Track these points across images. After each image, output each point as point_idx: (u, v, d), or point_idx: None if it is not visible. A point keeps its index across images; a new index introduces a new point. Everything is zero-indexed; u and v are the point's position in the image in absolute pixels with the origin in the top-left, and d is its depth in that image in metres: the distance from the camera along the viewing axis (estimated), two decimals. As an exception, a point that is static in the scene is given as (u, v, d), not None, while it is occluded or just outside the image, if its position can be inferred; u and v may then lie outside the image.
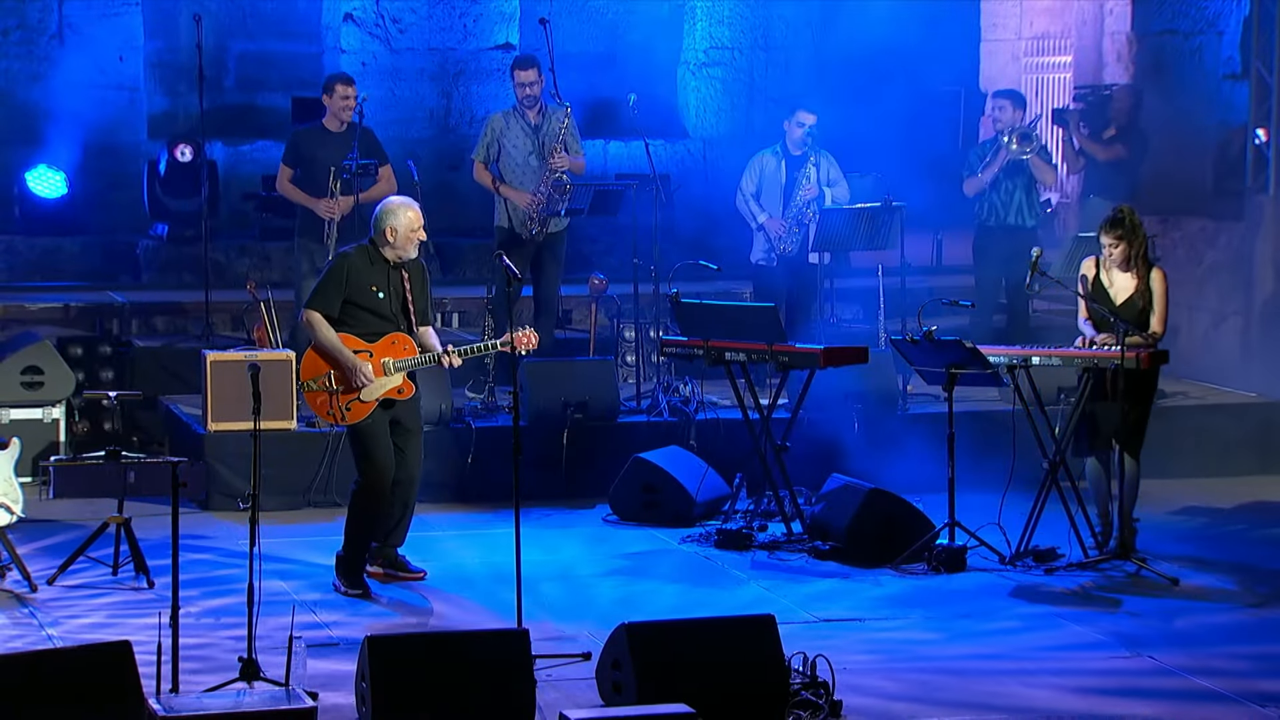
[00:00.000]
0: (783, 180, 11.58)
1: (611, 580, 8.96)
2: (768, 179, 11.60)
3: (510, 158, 11.33)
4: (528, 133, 11.33)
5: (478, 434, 10.57)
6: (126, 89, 14.02)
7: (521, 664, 6.76)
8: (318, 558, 9.24)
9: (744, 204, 11.65)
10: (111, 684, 6.36)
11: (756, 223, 11.62)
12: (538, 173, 11.27)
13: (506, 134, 11.34)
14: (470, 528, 9.97)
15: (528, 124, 11.33)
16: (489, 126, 11.46)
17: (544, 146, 11.29)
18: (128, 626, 7.90)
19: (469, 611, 8.30)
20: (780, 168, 11.60)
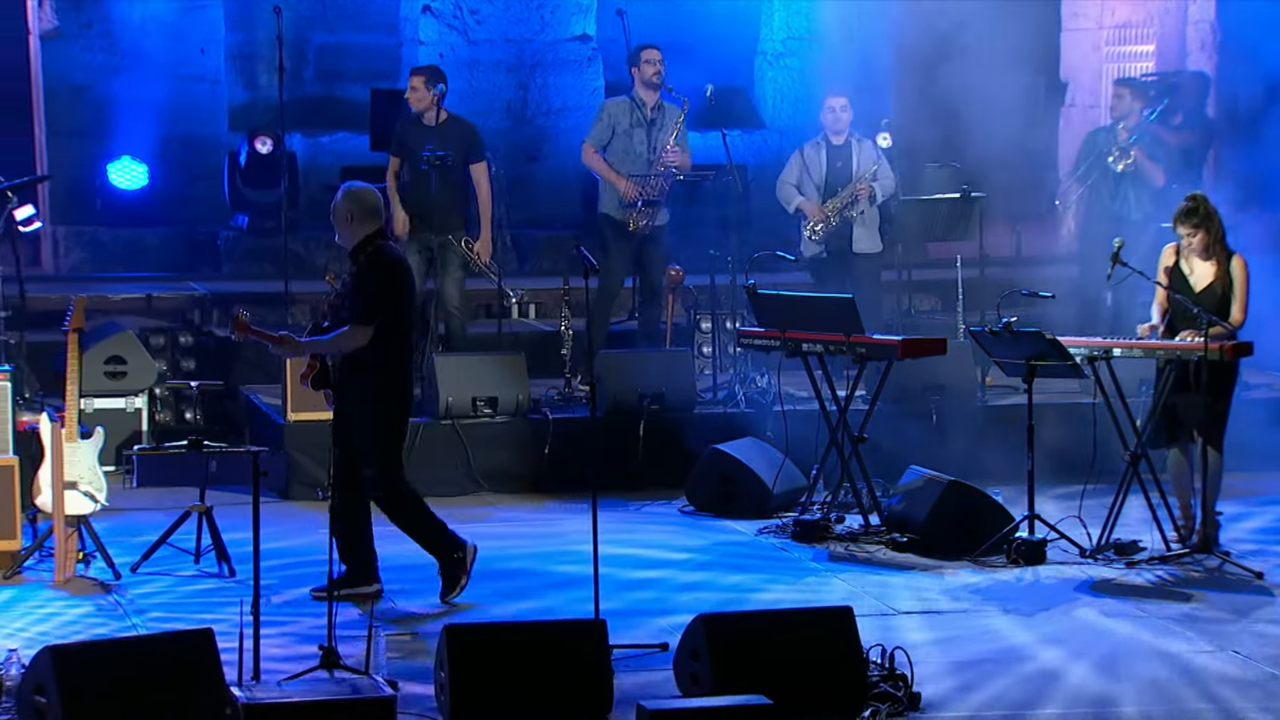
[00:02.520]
0: (823, 168, 11.56)
1: (688, 571, 8.96)
2: (809, 167, 11.58)
3: (620, 146, 11.34)
4: (641, 124, 11.34)
5: (554, 425, 10.59)
6: (207, 81, 14.15)
7: (599, 654, 6.77)
8: (396, 547, 9.27)
9: (780, 191, 11.65)
10: (194, 671, 6.43)
11: (792, 208, 11.60)
12: (645, 164, 11.29)
13: (621, 121, 11.36)
14: (546, 519, 9.99)
15: (643, 115, 11.35)
16: (605, 111, 11.48)
17: (654, 139, 11.31)
18: (209, 614, 7.97)
19: (546, 602, 8.33)
20: (821, 156, 11.58)
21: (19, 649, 6.90)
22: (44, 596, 8.34)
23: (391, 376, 8.13)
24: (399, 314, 8.18)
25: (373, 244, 8.16)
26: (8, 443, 9.18)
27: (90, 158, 13.60)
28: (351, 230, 8.18)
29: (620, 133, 11.34)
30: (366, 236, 8.16)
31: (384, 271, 8.13)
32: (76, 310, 8.57)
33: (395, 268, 8.21)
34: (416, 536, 8.42)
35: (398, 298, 8.18)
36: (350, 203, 8.18)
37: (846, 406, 9.63)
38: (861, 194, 11.50)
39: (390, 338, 8.11)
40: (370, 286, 8.09)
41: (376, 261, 8.13)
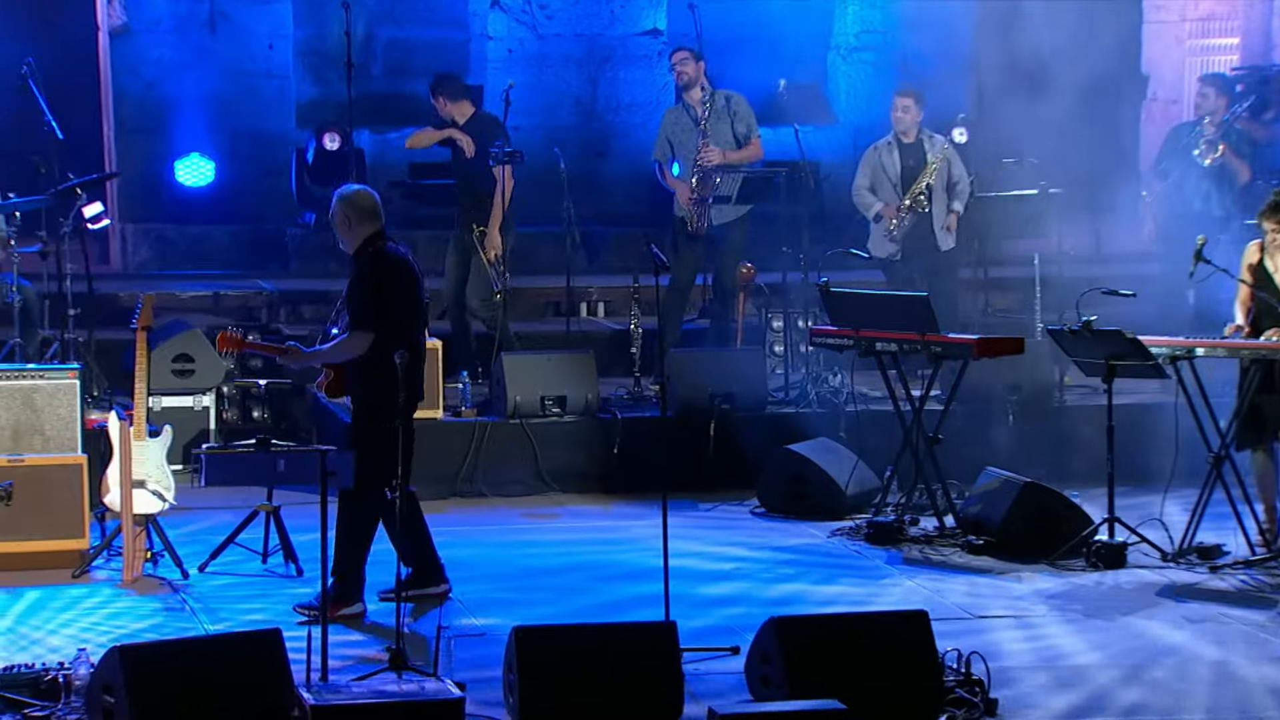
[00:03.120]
0: (897, 168, 11.52)
1: (760, 572, 8.95)
2: (884, 168, 11.54)
3: (681, 152, 11.43)
4: (691, 127, 11.37)
5: (623, 424, 10.60)
6: (276, 77, 14.24)
7: (669, 657, 6.77)
8: (465, 548, 9.33)
9: (857, 196, 11.64)
10: (261, 672, 6.47)
11: (871, 213, 11.58)
12: None
13: (675, 130, 11.41)
14: (615, 520, 10.00)
15: (693, 117, 11.38)
16: (662, 124, 11.61)
17: (708, 138, 11.32)
18: (277, 614, 8.03)
19: (615, 604, 8.33)
20: (894, 156, 11.54)
21: (87, 648, 6.97)
22: (112, 596, 8.42)
23: (396, 387, 7.68)
24: (403, 318, 7.96)
25: (372, 245, 7.97)
26: (76, 441, 9.28)
27: (158, 154, 13.72)
28: (351, 235, 7.99)
29: (678, 141, 11.38)
30: (366, 238, 7.98)
31: (383, 273, 7.91)
32: (145, 308, 8.64)
33: (396, 268, 7.97)
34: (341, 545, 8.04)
35: (399, 300, 7.95)
36: (345, 207, 8.01)
37: (921, 406, 9.59)
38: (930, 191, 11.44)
39: (393, 343, 7.73)
40: (370, 290, 7.89)
41: (375, 263, 7.92)
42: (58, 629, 7.87)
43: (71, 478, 8.85)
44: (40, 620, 8.01)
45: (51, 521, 8.77)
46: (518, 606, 8.27)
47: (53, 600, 8.30)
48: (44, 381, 9.30)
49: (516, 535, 9.71)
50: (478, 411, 10.69)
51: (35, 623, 7.97)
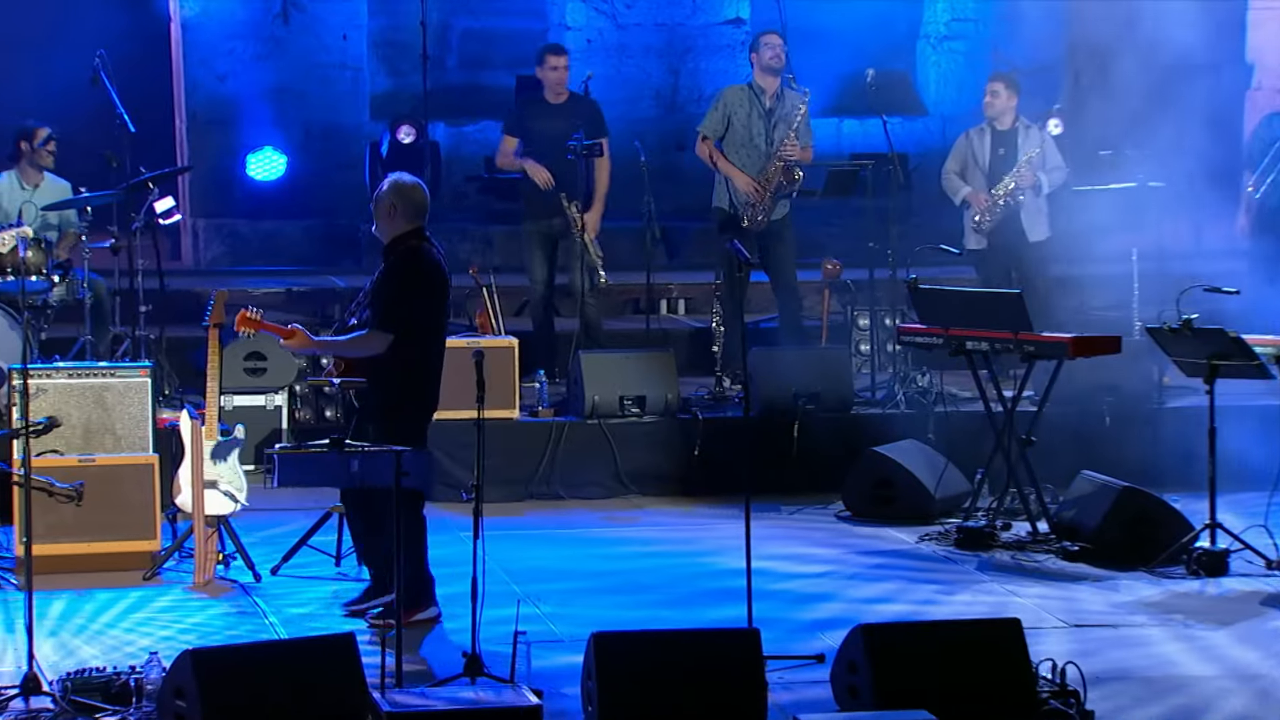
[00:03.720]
0: (987, 155, 11.43)
1: (846, 579, 8.92)
2: (974, 154, 11.45)
3: (737, 136, 11.29)
4: (761, 114, 11.28)
5: (704, 425, 10.59)
6: (350, 68, 14.33)
7: (752, 665, 6.76)
8: (541, 552, 9.35)
9: (945, 181, 11.53)
10: (335, 677, 6.51)
11: (958, 198, 11.49)
12: (763, 156, 11.22)
13: (739, 111, 11.30)
14: (696, 523, 10.00)
15: (762, 104, 11.29)
16: (722, 99, 11.41)
17: (774, 130, 11.24)
18: (349, 620, 8.07)
19: (697, 610, 8.33)
20: (985, 142, 11.45)
21: (159, 652, 7.04)
22: (183, 598, 8.50)
23: (411, 393, 7.79)
24: (428, 323, 7.87)
25: (406, 243, 7.86)
26: (147, 440, 9.38)
27: (230, 148, 13.82)
28: (391, 224, 7.89)
29: (738, 123, 11.27)
30: (403, 234, 7.91)
31: (415, 274, 7.81)
32: (217, 305, 8.71)
33: (428, 270, 7.86)
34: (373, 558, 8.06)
35: (427, 304, 7.86)
36: (396, 195, 7.88)
37: (1013, 407, 9.53)
38: (1025, 181, 11.36)
39: (413, 348, 7.79)
40: (397, 290, 7.78)
41: (408, 262, 7.82)
42: (129, 632, 7.95)
43: (143, 478, 8.94)
44: (111, 623, 8.10)
45: (122, 522, 8.87)
46: (596, 612, 8.28)
47: (124, 602, 8.39)
48: (115, 380, 9.40)
49: (594, 539, 9.73)
50: (555, 411, 10.71)
51: (106, 626, 8.05)
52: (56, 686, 6.86)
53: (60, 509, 8.78)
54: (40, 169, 11.11)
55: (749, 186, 11.19)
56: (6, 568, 8.74)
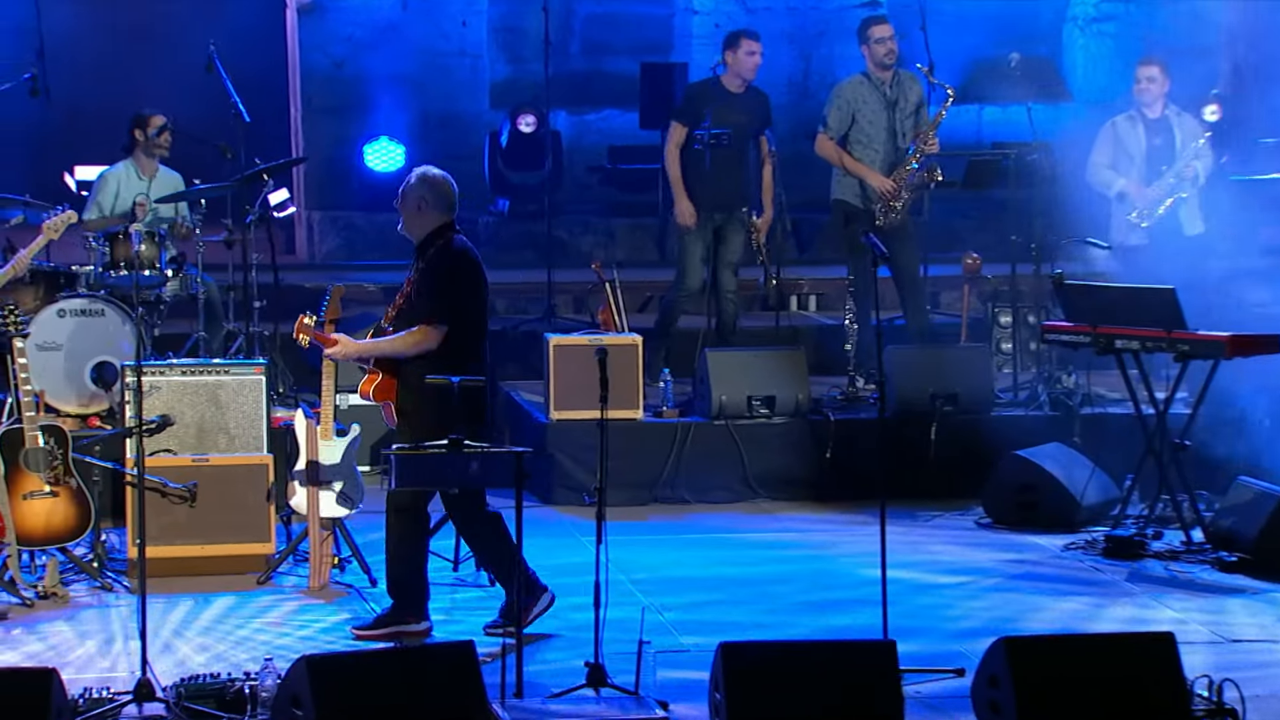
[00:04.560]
0: (1142, 145, 11.25)
1: (986, 589, 8.87)
2: (1124, 144, 11.28)
3: (863, 132, 11.20)
4: (884, 105, 11.19)
5: (836, 427, 10.56)
6: (469, 56, 14.43)
7: (888, 678, 6.73)
8: (666, 558, 9.36)
9: (1095, 174, 11.34)
10: (454, 686, 6.55)
11: (1113, 191, 11.30)
12: (892, 149, 11.14)
13: (862, 105, 11.22)
14: (828, 529, 9.97)
15: (884, 96, 11.19)
16: (841, 96, 11.26)
17: (898, 122, 11.16)
18: (469, 625, 8.13)
19: (829, 620, 8.31)
20: (1138, 131, 11.27)
21: (274, 658, 7.12)
22: (298, 603, 8.59)
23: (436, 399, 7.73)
24: (472, 318, 7.90)
25: (443, 236, 7.91)
26: (262, 440, 9.49)
27: (346, 138, 13.97)
28: (420, 220, 7.94)
29: (862, 118, 11.17)
30: (436, 229, 7.95)
31: (458, 267, 7.85)
32: (332, 300, 8.80)
33: (471, 264, 7.91)
34: (489, 563, 8.15)
35: (473, 298, 7.91)
36: (425, 188, 7.94)
37: (1166, 409, 9.41)
38: (1186, 173, 11.20)
39: (460, 344, 7.82)
40: (442, 283, 7.82)
41: (447, 255, 7.87)
42: (243, 638, 8.06)
43: (257, 479, 9.05)
44: (224, 628, 8.21)
45: (236, 524, 8.98)
46: (724, 621, 8.28)
47: (237, 607, 8.50)
48: (228, 377, 9.53)
49: (721, 545, 9.72)
50: (680, 412, 10.71)
51: (219, 631, 8.16)
52: (169, 693, 6.97)
53: (173, 510, 8.92)
54: (155, 159, 11.25)
55: (885, 186, 11.08)
56: (119, 570, 8.89)
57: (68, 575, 8.73)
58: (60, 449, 8.66)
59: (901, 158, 11.04)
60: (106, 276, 10.58)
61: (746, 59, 11.18)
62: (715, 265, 11.28)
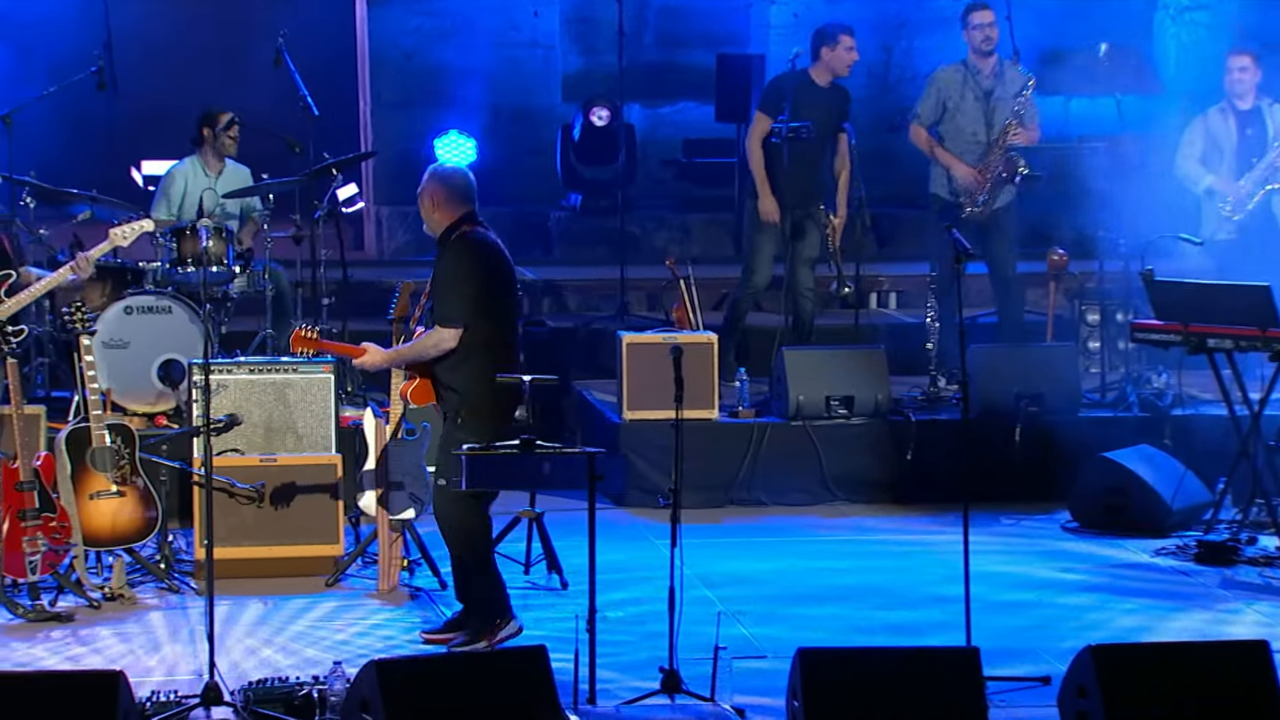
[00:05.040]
0: (1233, 137, 11.14)
1: (1073, 595, 8.82)
2: (1215, 137, 11.18)
3: (953, 121, 11.17)
4: (978, 95, 11.15)
5: (918, 428, 10.53)
6: (540, 47, 14.44)
7: (971, 686, 6.70)
8: (742, 562, 9.36)
9: (1184, 167, 11.24)
10: (526, 692, 6.57)
11: (1201, 186, 11.20)
12: (983, 141, 11.10)
13: (954, 94, 11.18)
14: (908, 532, 9.95)
15: (979, 85, 11.15)
16: (934, 84, 11.29)
17: (994, 112, 11.11)
18: (541, 630, 8.15)
19: (909, 625, 8.29)
20: (1229, 124, 11.16)
21: (343, 662, 7.17)
22: (367, 606, 8.64)
23: (480, 387, 7.75)
24: (491, 310, 7.83)
25: (459, 229, 7.86)
26: (330, 439, 9.54)
27: (415, 131, 13.99)
28: (436, 217, 7.89)
29: (953, 106, 11.14)
30: (453, 223, 7.88)
31: (469, 260, 7.79)
32: (401, 297, 8.83)
33: (484, 255, 7.85)
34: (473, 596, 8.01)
35: (490, 290, 7.84)
36: (436, 183, 7.91)
37: (1260, 410, 9.34)
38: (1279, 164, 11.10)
39: (485, 338, 7.77)
40: (453, 280, 7.77)
41: (460, 250, 7.82)
42: (311, 640, 8.11)
43: (325, 479, 9.10)
44: (292, 631, 8.26)
45: (304, 525, 9.04)
46: (801, 627, 8.28)
47: (305, 610, 8.56)
48: (297, 376, 9.58)
49: (798, 548, 9.71)
50: (756, 412, 10.70)
51: (287, 634, 8.22)
52: (237, 697, 7.02)
53: (240, 510, 8.99)
54: (222, 156, 11.31)
55: (969, 176, 11.07)
56: (185, 572, 8.96)
57: (134, 577, 8.81)
58: (127, 448, 8.74)
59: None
60: (174, 273, 10.65)
61: (845, 55, 11.18)
62: (792, 262, 11.25)
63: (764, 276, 11.32)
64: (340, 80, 14.10)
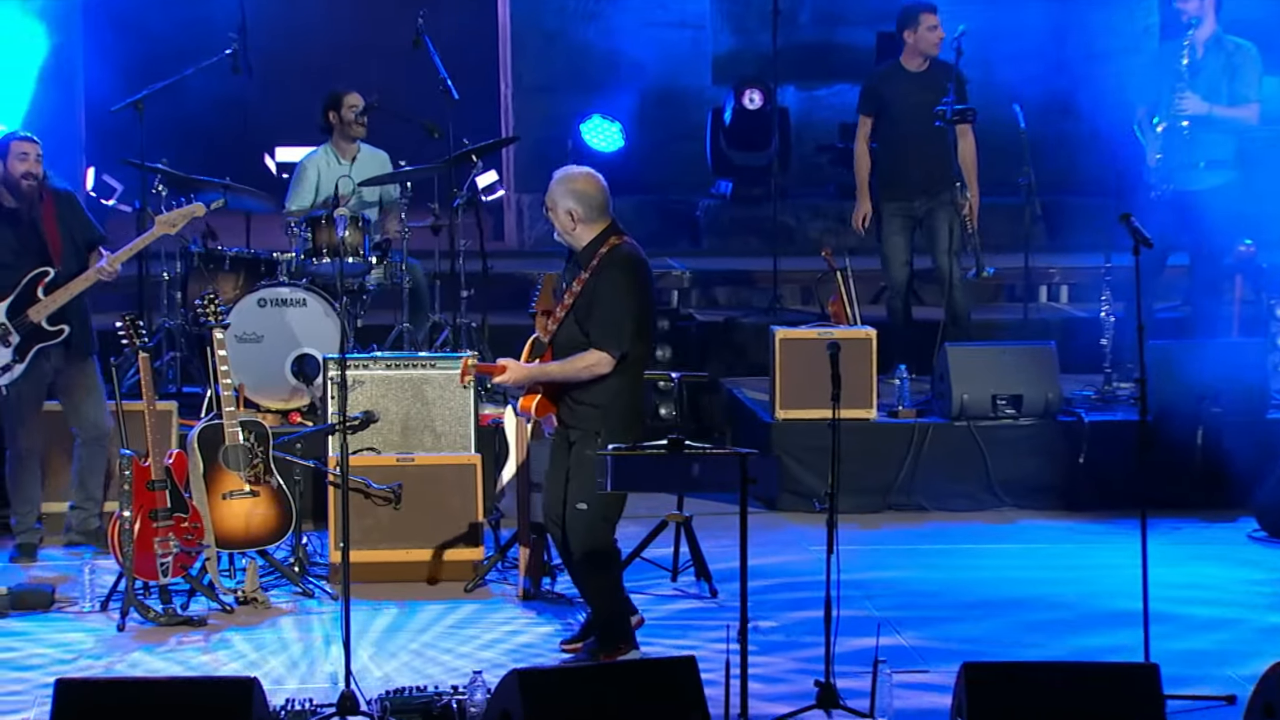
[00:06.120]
0: None
1: (1261, 608, 8.72)
2: None
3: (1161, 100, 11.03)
4: (1179, 71, 10.98)
5: (1091, 429, 10.43)
6: (690, 27, 14.44)
7: (1150, 704, 6.63)
8: (901, 570, 9.32)
9: None
10: (674, 704, 6.57)
11: None
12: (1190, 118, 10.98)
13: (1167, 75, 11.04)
14: (1081, 540, 9.88)
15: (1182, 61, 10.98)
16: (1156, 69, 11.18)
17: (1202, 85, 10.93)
18: (689, 639, 8.17)
19: (1084, 640, 8.22)
20: None
21: (483, 671, 7.21)
22: (508, 613, 8.70)
23: (622, 403, 7.72)
24: (646, 332, 7.79)
25: (605, 242, 7.76)
26: (469, 438, 9.61)
27: (559, 116, 14.04)
28: (578, 232, 7.79)
29: (1167, 88, 10.97)
30: (599, 234, 7.77)
31: (634, 284, 7.71)
32: (544, 290, 8.86)
33: (641, 275, 7.77)
34: (594, 604, 7.99)
35: (646, 311, 7.78)
36: (572, 201, 7.79)
37: None
38: None
39: (634, 358, 7.72)
40: (616, 304, 7.67)
41: (622, 270, 7.72)
42: (450, 648, 8.17)
43: (464, 479, 9.17)
44: (430, 638, 8.34)
45: (442, 528, 9.11)
46: (966, 640, 8.23)
47: (443, 615, 8.63)
48: (435, 371, 9.66)
49: (963, 557, 9.67)
50: (918, 412, 10.65)
51: (425, 640, 8.29)
52: (374, 706, 7.09)
53: (376, 512, 9.08)
54: (353, 140, 11.40)
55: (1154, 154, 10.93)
56: (320, 575, 9.06)
57: (267, 580, 8.92)
58: (260, 446, 8.86)
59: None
60: (309, 264, 10.78)
61: (928, 35, 11.19)
62: (932, 255, 11.23)
63: (897, 272, 11.33)
64: (481, 62, 14.19)
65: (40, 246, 9.28)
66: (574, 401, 7.81)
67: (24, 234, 9.27)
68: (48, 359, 9.30)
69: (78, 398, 9.41)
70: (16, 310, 9.22)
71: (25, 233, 9.27)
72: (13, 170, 9.21)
